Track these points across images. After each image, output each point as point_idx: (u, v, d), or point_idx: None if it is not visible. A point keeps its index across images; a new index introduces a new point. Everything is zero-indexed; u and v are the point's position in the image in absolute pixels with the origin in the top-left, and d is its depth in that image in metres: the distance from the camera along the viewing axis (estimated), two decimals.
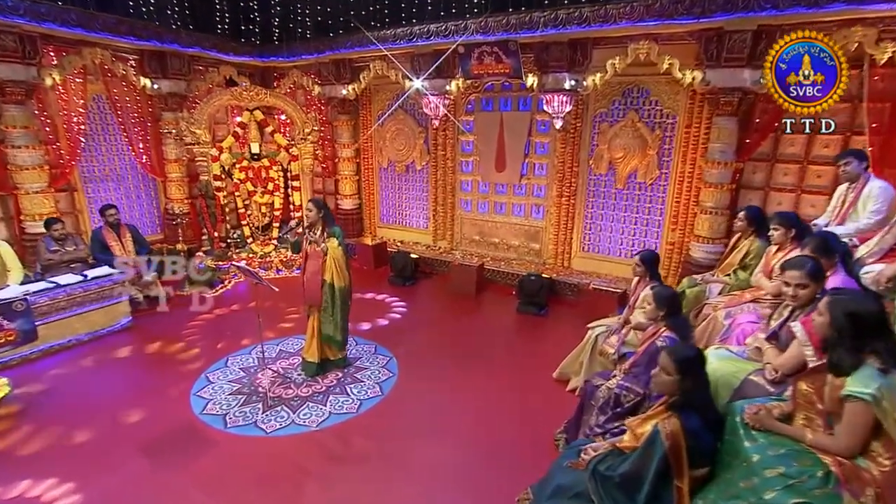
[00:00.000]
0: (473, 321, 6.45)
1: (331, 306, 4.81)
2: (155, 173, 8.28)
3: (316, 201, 4.80)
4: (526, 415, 4.43)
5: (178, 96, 8.09)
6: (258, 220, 8.64)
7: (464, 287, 7.37)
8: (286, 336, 5.92)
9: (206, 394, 4.75)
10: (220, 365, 5.26)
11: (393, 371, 5.15)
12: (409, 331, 6.09)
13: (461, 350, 5.60)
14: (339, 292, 4.77)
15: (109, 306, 6.02)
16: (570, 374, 4.93)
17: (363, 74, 8.23)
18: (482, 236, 8.42)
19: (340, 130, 9.10)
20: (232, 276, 7.86)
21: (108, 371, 5.16)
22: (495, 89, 7.72)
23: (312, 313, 4.96)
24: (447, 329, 6.21)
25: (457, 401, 4.65)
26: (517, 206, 7.92)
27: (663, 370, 2.58)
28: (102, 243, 6.49)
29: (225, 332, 6.01)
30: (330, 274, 4.72)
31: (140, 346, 5.74)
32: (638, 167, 6.73)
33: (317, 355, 4.99)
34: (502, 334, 6.07)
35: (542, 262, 7.78)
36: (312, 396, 4.68)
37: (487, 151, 7.94)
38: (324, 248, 4.68)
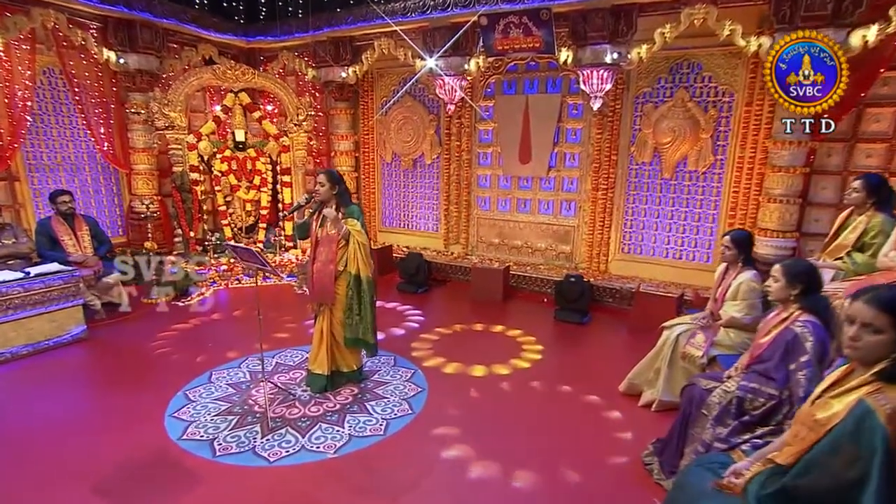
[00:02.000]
0: (505, 331, 5.85)
1: (358, 303, 4.18)
2: (118, 164, 7.57)
3: (330, 173, 4.18)
4: (596, 436, 3.80)
5: (148, 75, 7.42)
6: (242, 219, 7.93)
7: (488, 293, 6.81)
8: (283, 347, 5.24)
9: (185, 415, 3.99)
10: (201, 380, 4.54)
11: (421, 385, 4.49)
12: (431, 341, 5.53)
13: (498, 361, 4.97)
14: (367, 285, 4.16)
15: (58, 312, 5.23)
16: (641, 386, 4.30)
17: (366, 55, 7.72)
18: (502, 239, 7.85)
19: (337, 120, 8.55)
20: (210, 284, 7.13)
21: (55, 391, 4.39)
22: (519, 69, 7.26)
23: (323, 313, 4.27)
24: (476, 339, 5.67)
25: (504, 419, 4.04)
26: (544, 202, 7.43)
27: (869, 327, 1.90)
28: (51, 237, 5.74)
29: (205, 343, 5.31)
30: (355, 262, 4.11)
31: (98, 360, 5.01)
32: (688, 153, 6.25)
33: (326, 366, 4.31)
34: (546, 344, 5.51)
35: (573, 266, 7.24)
36: (324, 416, 3.97)
37: (510, 141, 7.46)
38: (342, 232, 4.02)
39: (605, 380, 4.60)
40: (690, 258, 6.47)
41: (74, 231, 5.88)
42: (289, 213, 4.23)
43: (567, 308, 6.16)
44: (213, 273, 7.25)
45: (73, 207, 5.91)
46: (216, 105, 8.71)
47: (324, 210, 4.11)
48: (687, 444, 3.12)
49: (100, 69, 7.26)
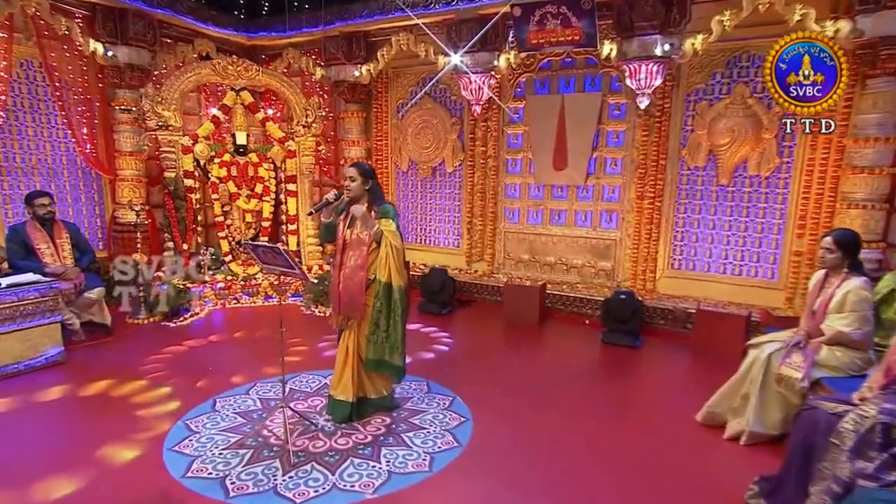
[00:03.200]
0: (549, 355, 5.66)
1: (386, 317, 3.85)
2: (102, 169, 7.28)
3: (361, 166, 3.92)
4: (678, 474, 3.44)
5: (139, 70, 7.17)
6: (241, 232, 7.60)
7: (522, 314, 6.55)
8: (296, 371, 4.92)
9: (187, 448, 3.61)
10: (204, 409, 4.18)
11: (463, 414, 4.15)
12: (466, 366, 5.25)
13: (549, 390, 4.71)
14: (399, 295, 3.84)
15: (32, 329, 4.87)
16: (724, 415, 3.95)
17: (382, 51, 7.56)
18: (533, 255, 7.58)
19: (348, 125, 8.36)
20: (204, 303, 6.77)
21: (27, 423, 4.00)
22: (553, 66, 7.08)
23: (349, 329, 3.93)
24: (519, 364, 5.38)
25: (566, 454, 3.69)
26: (581, 213, 7.20)
27: None
28: (25, 244, 5.42)
29: (204, 367, 4.99)
30: (386, 269, 3.80)
31: (79, 385, 4.63)
32: (749, 156, 6.02)
33: (352, 392, 3.96)
34: (596, 371, 5.25)
35: (615, 285, 6.91)
36: (355, 450, 3.60)
37: (543, 145, 7.24)
38: (374, 233, 3.70)
39: (676, 409, 4.29)
40: (752, 274, 6.18)
41: (53, 238, 5.56)
42: (314, 211, 3.90)
43: (616, 330, 5.84)
44: (207, 291, 6.86)
45: (53, 212, 5.61)
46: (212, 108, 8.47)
47: (352, 208, 3.81)
48: (813, 481, 2.75)
49: (85, 63, 6.99)
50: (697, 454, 3.68)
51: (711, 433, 3.92)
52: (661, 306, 6.23)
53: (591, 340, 5.97)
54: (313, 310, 6.79)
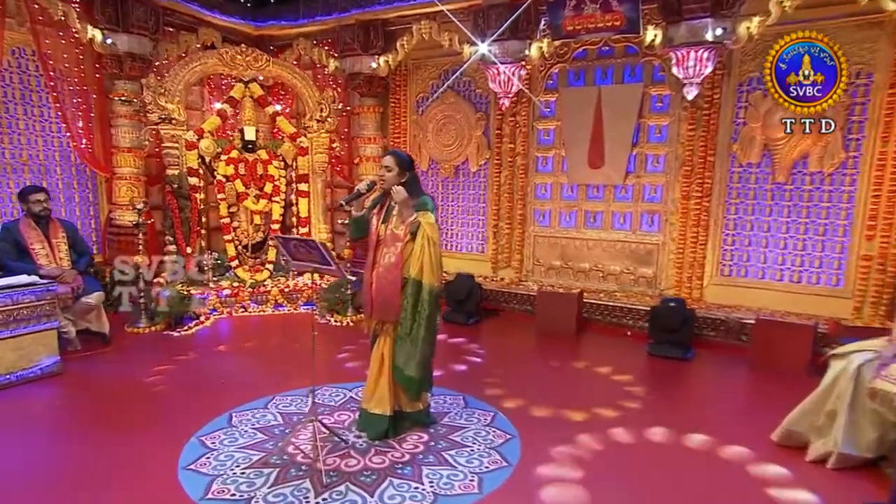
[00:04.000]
0: (593, 368, 5.44)
1: (410, 320, 3.66)
2: (98, 167, 7.14)
3: (398, 154, 3.80)
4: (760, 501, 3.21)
5: (139, 60, 7.06)
6: (248, 235, 7.46)
7: (557, 324, 6.42)
8: (318, 384, 4.64)
9: (205, 467, 3.43)
10: (219, 424, 4.01)
11: (509, 431, 3.98)
12: (502, 378, 5.07)
13: (598, 404, 4.52)
14: (428, 296, 3.64)
15: (26, 336, 4.69)
16: (807, 435, 3.74)
17: (402, 41, 7.46)
18: (565, 261, 7.42)
19: (364, 120, 8.27)
20: (210, 312, 6.61)
21: (22, 440, 3.82)
22: (589, 56, 6.97)
23: (384, 335, 3.76)
24: (560, 378, 5.25)
25: (629, 475, 3.51)
26: (620, 215, 7.05)
27: None
28: (18, 244, 5.26)
29: (215, 380, 4.86)
30: (418, 264, 3.61)
31: (78, 399, 4.49)
32: (810, 150, 5.86)
33: (389, 405, 3.78)
34: (648, 385, 5.03)
35: (657, 293, 6.74)
36: (393, 469, 3.42)
37: (577, 141, 7.11)
38: (410, 223, 3.58)
39: (748, 427, 4.10)
40: (814, 281, 5.98)
41: (48, 238, 5.40)
42: (344, 203, 3.75)
43: (664, 341, 5.65)
44: (213, 299, 6.70)
45: (49, 209, 5.47)
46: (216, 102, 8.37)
47: (392, 190, 3.65)
48: None
49: (81, 51, 6.88)
50: (779, 477, 3.47)
51: (792, 454, 3.71)
52: (712, 316, 6.05)
53: (637, 353, 5.80)
54: (328, 318, 6.63)
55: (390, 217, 3.74)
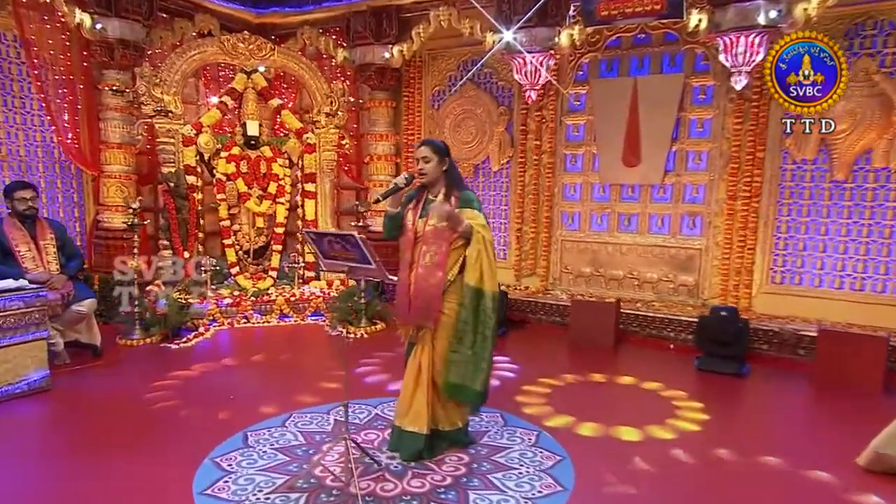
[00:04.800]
0: (639, 384, 5.31)
1: (473, 330, 3.54)
2: (85, 164, 7.01)
3: (434, 143, 3.72)
4: None
5: (131, 47, 6.93)
6: (250, 239, 7.34)
7: (593, 336, 6.33)
8: (338, 401, 4.52)
9: (224, 492, 3.28)
10: (234, 444, 3.86)
11: (557, 452, 3.86)
12: (541, 395, 4.96)
13: (651, 422, 4.40)
14: (492, 304, 3.55)
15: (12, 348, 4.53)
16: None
17: (418, 29, 7.38)
18: (596, 268, 7.34)
19: (375, 116, 8.22)
20: (209, 323, 6.47)
21: (13, 460, 3.68)
22: (623, 44, 6.92)
23: (422, 343, 3.64)
24: (603, 393, 5.17)
25: (700, 501, 3.38)
26: (658, 218, 6.97)
27: None
28: (2, 245, 5.14)
29: (224, 396, 4.72)
30: (476, 271, 3.50)
31: (73, 417, 4.34)
32: (875, 145, 5.77)
33: (426, 422, 3.62)
34: (703, 403, 4.85)
35: (700, 302, 6.64)
36: (435, 494, 3.29)
37: (610, 137, 7.04)
38: (464, 231, 3.48)
39: (825, 450, 3.99)
40: (879, 289, 5.84)
41: (36, 239, 5.26)
42: (382, 198, 3.62)
43: (715, 354, 5.52)
44: (213, 308, 6.56)
45: (36, 208, 5.34)
46: (212, 95, 8.27)
47: (432, 207, 3.55)
48: None
49: (68, 37, 6.78)
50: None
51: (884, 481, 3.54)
52: (764, 327, 5.91)
53: (684, 367, 5.68)
54: (340, 330, 6.49)
55: (429, 212, 3.60)
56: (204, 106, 8.20)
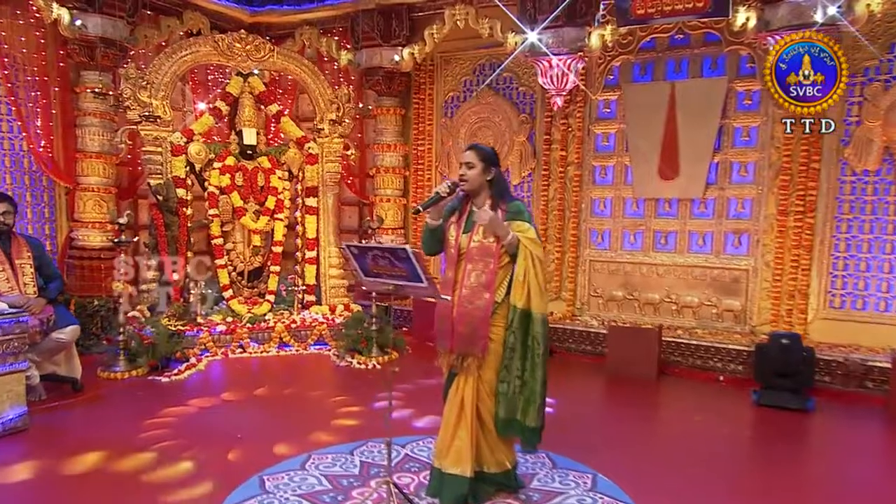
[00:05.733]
0: (688, 419, 5.24)
1: (522, 357, 3.41)
2: (58, 174, 6.93)
3: (481, 149, 3.59)
4: None
5: (113, 46, 6.88)
6: (244, 259, 7.17)
7: (634, 367, 6.23)
8: (360, 438, 4.49)
9: None
10: (250, 490, 3.67)
11: (621, 498, 3.71)
12: (585, 432, 4.83)
13: (721, 468, 4.30)
14: (542, 329, 3.43)
15: None
16: None
17: (431, 29, 7.35)
18: (630, 291, 7.28)
19: (382, 124, 8.24)
20: (200, 353, 6.30)
21: None
22: (659, 46, 6.90)
23: (465, 374, 3.48)
24: (658, 432, 5.12)
25: None
26: (698, 236, 6.93)
27: None
28: None
29: (229, 435, 4.51)
30: (524, 290, 3.38)
31: (57, 461, 4.07)
32: None
33: (470, 463, 3.44)
34: (774, 443, 4.75)
35: (748, 330, 6.56)
36: None
37: (644, 148, 7.02)
38: (510, 244, 3.36)
39: None
40: None
41: (10, 258, 5.06)
42: (423, 209, 3.48)
43: (775, 387, 5.39)
44: (204, 336, 6.38)
45: (12, 223, 5.16)
46: (200, 101, 8.17)
47: (478, 213, 3.41)
48: None
49: (43, 34, 6.77)
50: None
51: None
52: (825, 357, 5.79)
53: (740, 402, 5.57)
54: (349, 360, 6.34)
55: (474, 225, 3.46)
56: (191, 112, 8.11)
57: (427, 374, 5.78)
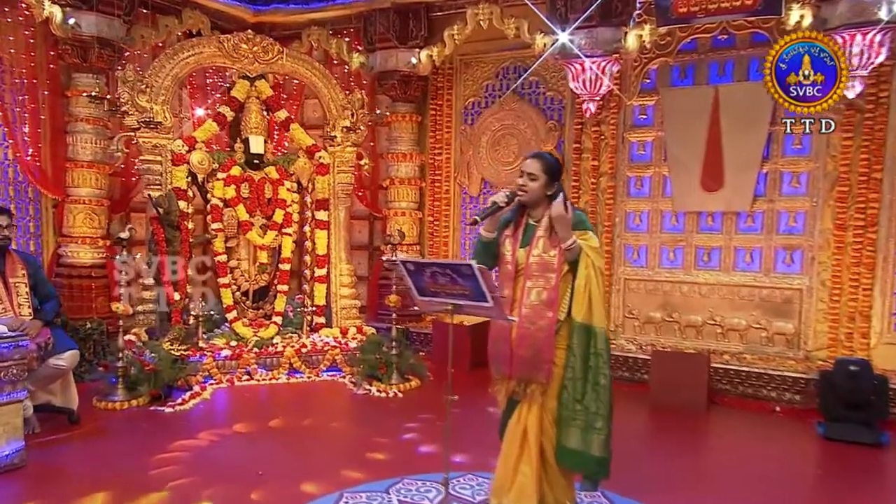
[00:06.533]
0: (757, 457, 5.07)
1: (582, 379, 3.33)
2: (46, 186, 6.93)
3: (546, 159, 3.46)
4: None
5: (108, 47, 6.87)
6: (250, 278, 7.09)
7: (681, 395, 6.09)
8: (394, 475, 4.34)
9: None
10: None
11: None
12: (638, 468, 4.67)
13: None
14: (604, 345, 3.35)
15: None
16: None
17: (452, 30, 7.34)
18: (669, 312, 7.20)
19: (397, 132, 8.26)
20: (204, 380, 6.20)
21: None
22: (701, 47, 6.87)
23: (528, 402, 3.38)
24: (717, 467, 4.99)
25: None
26: (745, 252, 6.88)
27: None
28: None
29: (250, 471, 4.40)
30: (584, 303, 3.29)
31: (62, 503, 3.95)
32: None
33: (534, 501, 3.33)
34: (849, 482, 4.67)
35: (802, 355, 6.48)
36: None
37: (686, 156, 6.97)
38: (570, 248, 3.26)
39: None
40: None
41: (4, 276, 4.99)
42: (480, 219, 3.38)
43: (843, 419, 5.28)
44: (207, 362, 6.30)
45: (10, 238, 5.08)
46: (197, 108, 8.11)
47: (553, 206, 3.28)
48: None
49: (32, 34, 6.77)
50: None
51: None
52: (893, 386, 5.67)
53: (803, 435, 5.48)
54: (367, 388, 6.24)
55: (533, 238, 3.36)
56: (188, 119, 8.06)
57: (454, 403, 5.69)
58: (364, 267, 8.68)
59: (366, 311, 8.06)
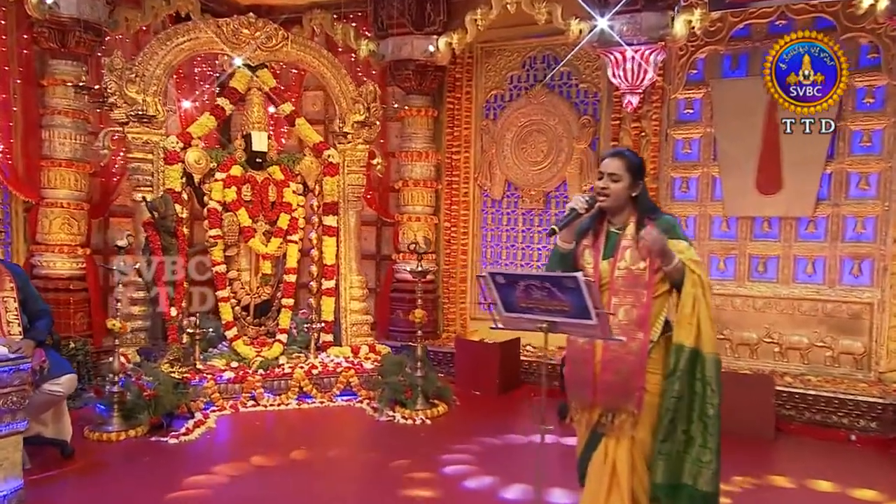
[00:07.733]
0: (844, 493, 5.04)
1: (687, 410, 3.28)
2: (17, 187, 6.91)
3: (628, 158, 3.41)
4: None
5: (90, 30, 6.80)
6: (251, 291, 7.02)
7: (744, 421, 5.90)
8: None
9: None
10: None
11: None
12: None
13: None
14: (715, 372, 3.28)
15: None
16: None
17: (475, 15, 7.33)
18: (719, 328, 7.13)
19: (412, 128, 8.27)
20: (205, 407, 6.16)
21: None
22: (755, 34, 6.95)
23: (616, 433, 3.30)
24: None
25: None
26: (806, 262, 6.94)
27: None
28: None
29: None
30: (692, 326, 3.24)
31: None
32: None
33: None
34: None
35: (874, 377, 6.51)
36: None
37: (738, 156, 7.05)
38: (674, 269, 3.23)
39: None
40: None
41: None
42: (559, 228, 3.31)
43: None
44: (208, 385, 6.24)
45: None
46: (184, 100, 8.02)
47: (643, 233, 3.26)
48: None
49: (3, 14, 6.80)
50: None
51: None
52: None
53: (889, 467, 5.46)
54: (391, 414, 6.19)
55: (618, 249, 3.31)
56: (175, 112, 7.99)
57: (490, 431, 5.74)
58: (371, 278, 8.63)
59: (375, 327, 7.98)
